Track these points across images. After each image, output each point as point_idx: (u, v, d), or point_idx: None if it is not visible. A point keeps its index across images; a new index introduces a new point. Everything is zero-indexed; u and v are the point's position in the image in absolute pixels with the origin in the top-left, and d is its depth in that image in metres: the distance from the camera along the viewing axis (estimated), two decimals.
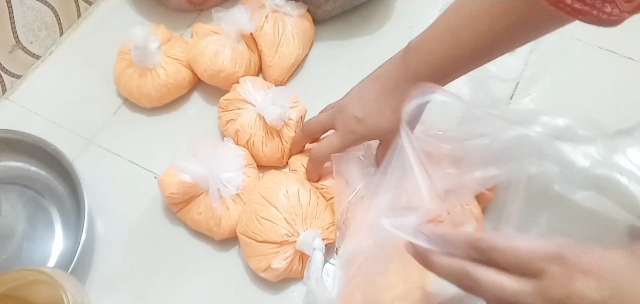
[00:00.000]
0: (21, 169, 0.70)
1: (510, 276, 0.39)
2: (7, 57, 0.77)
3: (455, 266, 0.42)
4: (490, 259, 0.41)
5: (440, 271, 0.44)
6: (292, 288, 0.62)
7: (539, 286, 0.38)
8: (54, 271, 0.55)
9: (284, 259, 0.59)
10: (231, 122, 0.69)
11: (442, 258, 0.43)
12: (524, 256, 0.39)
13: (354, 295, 0.56)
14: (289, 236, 0.59)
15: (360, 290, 0.55)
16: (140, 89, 0.73)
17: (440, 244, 0.44)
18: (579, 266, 0.37)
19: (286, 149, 0.68)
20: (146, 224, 0.67)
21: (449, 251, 0.43)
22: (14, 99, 0.78)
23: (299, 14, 0.77)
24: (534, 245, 0.39)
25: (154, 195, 0.67)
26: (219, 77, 0.73)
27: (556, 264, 0.37)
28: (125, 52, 0.75)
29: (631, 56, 0.77)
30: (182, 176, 0.62)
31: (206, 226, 0.63)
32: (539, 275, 0.38)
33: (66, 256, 0.64)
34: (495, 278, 0.40)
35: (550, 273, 0.37)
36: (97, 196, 0.67)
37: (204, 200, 0.63)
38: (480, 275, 0.40)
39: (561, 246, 0.38)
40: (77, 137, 0.74)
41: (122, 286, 0.63)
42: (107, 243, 0.66)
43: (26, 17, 0.77)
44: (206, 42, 0.73)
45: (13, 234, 0.66)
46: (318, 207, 0.62)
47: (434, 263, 0.44)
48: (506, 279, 0.39)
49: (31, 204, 0.68)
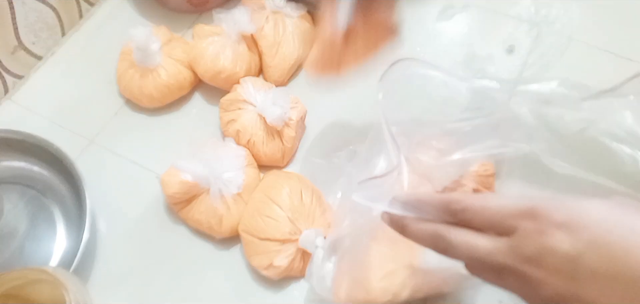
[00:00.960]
0: (23, 169, 0.70)
1: (484, 236, 0.38)
2: (9, 58, 0.77)
3: (429, 229, 0.41)
4: (464, 220, 0.40)
5: (415, 236, 0.43)
6: (293, 286, 0.62)
7: (512, 243, 0.37)
8: (56, 271, 0.55)
9: (286, 257, 0.59)
10: (232, 122, 0.69)
11: (416, 223, 0.43)
12: (496, 215, 0.38)
13: (343, 279, 0.55)
14: (291, 234, 0.59)
15: (348, 274, 0.55)
16: (141, 90, 0.73)
17: (415, 210, 0.43)
18: (552, 220, 0.35)
19: (286, 149, 0.69)
20: (148, 223, 0.67)
21: (423, 215, 0.43)
22: (16, 99, 0.78)
23: (299, 15, 0.77)
24: (505, 202, 0.38)
25: (156, 195, 0.68)
26: (219, 78, 0.73)
27: (528, 220, 0.36)
28: (126, 53, 0.75)
29: (631, 56, 0.77)
30: (184, 176, 0.62)
31: (207, 226, 0.63)
32: (512, 232, 0.37)
33: (68, 255, 0.64)
34: (469, 238, 0.39)
35: (522, 229, 0.36)
36: (99, 195, 0.67)
37: (205, 200, 0.63)
38: (453, 237, 0.40)
39: (534, 201, 0.37)
40: (79, 137, 0.74)
41: (124, 285, 0.63)
42: (109, 242, 0.66)
43: (28, 18, 0.77)
44: (207, 43, 0.73)
45: (15, 234, 0.66)
46: (320, 207, 0.62)
47: (409, 228, 0.43)
48: (480, 238, 0.38)
49: (33, 204, 0.68)
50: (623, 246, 0.33)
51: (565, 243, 0.34)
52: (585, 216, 0.35)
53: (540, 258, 0.35)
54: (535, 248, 0.35)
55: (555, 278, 0.35)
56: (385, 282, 0.54)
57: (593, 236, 0.34)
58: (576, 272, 0.34)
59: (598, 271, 0.34)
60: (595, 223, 0.34)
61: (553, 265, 0.35)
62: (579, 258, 0.34)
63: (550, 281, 0.35)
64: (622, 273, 0.33)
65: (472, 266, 0.40)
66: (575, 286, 0.34)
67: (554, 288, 0.35)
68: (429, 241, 0.42)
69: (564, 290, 0.35)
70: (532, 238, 0.36)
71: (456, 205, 0.40)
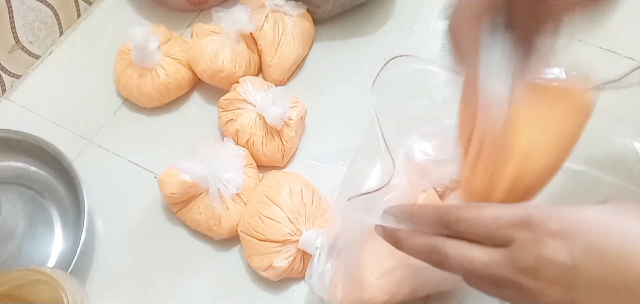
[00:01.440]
0: (21, 169, 0.70)
1: (480, 248, 0.38)
2: (6, 57, 0.77)
3: (423, 242, 0.41)
4: (459, 232, 0.39)
5: (410, 249, 0.42)
6: (292, 288, 0.62)
7: (508, 255, 0.36)
8: (54, 271, 0.55)
9: (285, 258, 0.59)
10: (231, 122, 0.69)
11: (410, 236, 0.42)
12: (491, 225, 0.37)
13: (340, 279, 0.55)
14: (291, 235, 0.59)
15: (344, 273, 0.54)
16: (140, 89, 0.73)
17: (408, 222, 0.42)
18: (547, 229, 0.35)
19: (286, 149, 0.68)
20: (146, 224, 0.67)
21: (417, 228, 0.42)
22: (14, 99, 0.78)
23: (298, 13, 0.77)
24: (500, 212, 0.37)
25: (154, 195, 0.67)
26: (218, 77, 0.73)
27: (524, 230, 0.35)
28: (125, 52, 0.74)
29: (631, 56, 0.77)
30: (182, 176, 0.62)
31: (206, 226, 0.63)
32: (508, 243, 0.36)
33: (66, 256, 0.64)
34: (464, 251, 0.38)
35: (518, 240, 0.35)
36: (97, 195, 0.67)
37: (204, 200, 0.63)
38: (448, 249, 0.39)
39: (529, 210, 0.36)
40: (77, 137, 0.74)
41: (122, 286, 0.63)
42: (107, 242, 0.66)
43: (26, 17, 0.77)
44: (206, 42, 0.73)
45: (13, 234, 0.66)
46: (321, 207, 0.62)
47: (403, 242, 0.42)
48: (475, 251, 0.38)
49: (31, 204, 0.68)
50: (618, 250, 0.33)
51: (562, 252, 0.34)
52: (580, 224, 0.35)
53: (537, 268, 0.35)
54: (532, 259, 0.35)
55: (553, 288, 0.35)
56: (383, 280, 0.53)
57: (588, 243, 0.34)
58: (573, 281, 0.34)
59: (595, 279, 0.33)
60: (589, 230, 0.34)
61: (550, 275, 0.35)
62: (575, 267, 0.34)
63: (548, 291, 0.35)
64: (618, 278, 0.33)
65: (469, 278, 0.39)
66: (573, 295, 0.34)
67: (552, 298, 0.35)
68: (423, 254, 0.41)
69: (563, 299, 0.35)
70: (528, 249, 0.35)
71: (450, 217, 0.39)
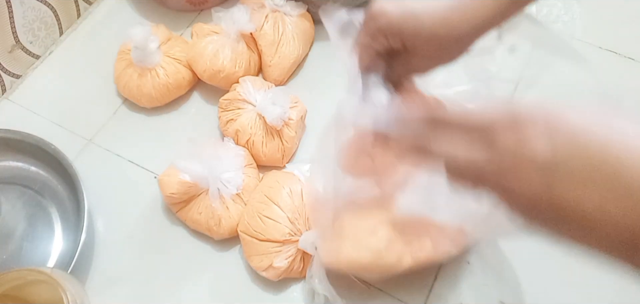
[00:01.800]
0: (21, 169, 0.70)
1: (464, 143, 0.39)
2: (6, 57, 0.77)
3: (410, 137, 0.42)
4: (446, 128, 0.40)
5: (398, 145, 0.44)
6: (292, 288, 0.62)
7: (492, 153, 0.37)
8: (54, 271, 0.55)
9: (285, 258, 0.59)
10: (231, 122, 0.69)
11: (399, 138, 0.44)
12: (477, 123, 0.38)
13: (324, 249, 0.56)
14: (291, 235, 0.59)
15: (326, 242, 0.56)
16: (140, 89, 0.73)
17: (398, 124, 0.44)
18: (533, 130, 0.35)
19: (286, 149, 0.68)
20: (146, 224, 0.67)
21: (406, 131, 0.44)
22: (14, 99, 0.78)
23: (298, 13, 0.77)
24: (486, 111, 0.38)
25: (154, 195, 0.67)
26: (218, 77, 0.73)
27: (509, 131, 0.36)
28: (125, 52, 0.74)
29: (631, 56, 0.77)
30: (182, 176, 0.62)
31: (206, 226, 0.63)
32: (492, 142, 0.37)
33: (66, 256, 0.64)
34: (449, 144, 0.39)
35: (502, 140, 0.36)
36: (97, 195, 0.67)
37: (204, 200, 0.63)
38: (433, 142, 0.40)
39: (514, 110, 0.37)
40: (77, 137, 0.74)
41: (121, 286, 0.63)
42: (107, 242, 0.66)
43: (26, 17, 0.77)
44: (206, 42, 0.73)
45: (13, 234, 0.66)
46: None
47: (391, 138, 0.44)
48: (460, 146, 0.39)
49: (31, 204, 0.68)
50: (601, 143, 0.33)
51: (545, 152, 0.35)
52: (565, 121, 0.35)
53: (519, 169, 0.35)
54: (515, 160, 0.36)
55: (533, 187, 0.35)
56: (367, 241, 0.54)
57: (572, 139, 0.34)
58: (554, 177, 0.34)
59: (576, 174, 0.34)
60: (574, 126, 0.35)
61: (532, 176, 0.35)
62: (557, 163, 0.34)
63: (527, 189, 0.35)
64: (600, 171, 0.33)
65: (451, 171, 0.40)
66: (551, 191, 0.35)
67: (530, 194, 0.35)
68: (410, 148, 0.42)
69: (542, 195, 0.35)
70: (511, 150, 0.36)
71: (437, 113, 0.41)
